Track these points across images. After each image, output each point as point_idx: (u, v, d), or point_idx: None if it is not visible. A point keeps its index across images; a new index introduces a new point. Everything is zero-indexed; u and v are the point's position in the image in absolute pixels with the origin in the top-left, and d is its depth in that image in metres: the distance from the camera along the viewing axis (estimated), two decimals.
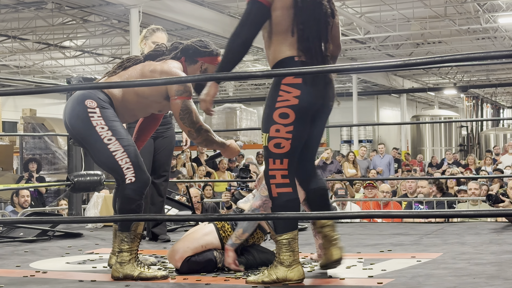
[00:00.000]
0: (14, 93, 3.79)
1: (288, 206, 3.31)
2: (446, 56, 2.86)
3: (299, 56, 3.32)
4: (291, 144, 3.32)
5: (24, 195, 8.48)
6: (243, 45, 3.29)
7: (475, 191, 8.26)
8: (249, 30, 3.28)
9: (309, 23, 3.33)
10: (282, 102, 3.29)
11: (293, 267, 3.31)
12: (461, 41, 20.06)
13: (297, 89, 3.28)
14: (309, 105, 3.31)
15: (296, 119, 3.29)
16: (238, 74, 3.41)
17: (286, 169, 3.33)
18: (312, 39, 3.33)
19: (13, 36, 17.23)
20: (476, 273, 3.44)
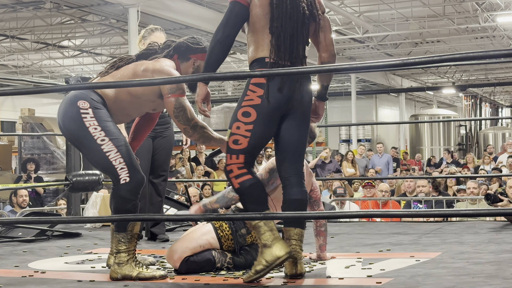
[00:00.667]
0: (12, 93, 3.78)
1: (252, 190, 3.39)
2: (445, 56, 2.86)
3: (271, 58, 3.37)
4: (248, 142, 3.39)
5: (22, 195, 8.48)
6: (222, 45, 3.36)
7: (473, 190, 8.26)
8: (227, 30, 3.37)
9: (284, 23, 3.36)
10: (247, 101, 3.40)
11: (275, 245, 3.33)
12: (460, 40, 20.08)
13: (261, 88, 3.36)
14: (271, 105, 3.35)
15: (257, 118, 3.37)
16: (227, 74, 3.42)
17: (242, 163, 3.41)
18: (285, 39, 3.37)
19: (11, 35, 17.22)
20: (475, 273, 3.43)
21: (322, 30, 3.51)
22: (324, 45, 3.54)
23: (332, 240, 4.96)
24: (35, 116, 15.34)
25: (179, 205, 6.68)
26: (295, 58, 3.41)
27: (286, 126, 3.44)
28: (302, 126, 3.48)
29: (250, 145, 3.40)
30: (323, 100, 3.65)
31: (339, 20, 16.88)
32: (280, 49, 3.37)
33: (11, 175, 12.52)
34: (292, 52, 3.40)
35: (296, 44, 3.41)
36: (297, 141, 3.48)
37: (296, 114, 3.44)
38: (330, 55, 3.56)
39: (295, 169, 3.49)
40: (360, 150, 15.79)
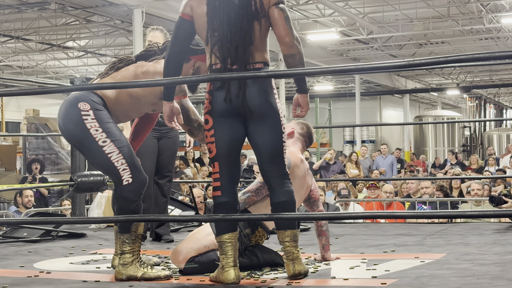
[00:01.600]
0: (17, 94, 3.80)
1: (216, 208, 3.45)
2: (450, 57, 2.86)
3: (216, 64, 3.41)
4: (216, 147, 3.44)
5: (27, 195, 8.50)
6: (171, 61, 3.45)
7: (478, 191, 8.25)
8: (176, 47, 3.44)
9: (221, 30, 3.38)
10: (204, 109, 3.47)
11: (225, 270, 3.39)
12: (464, 41, 20.06)
13: (209, 94, 3.43)
14: (219, 108, 3.39)
15: (214, 123, 3.42)
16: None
17: (218, 172, 3.45)
18: (222, 45, 3.38)
19: (16, 36, 17.26)
20: (480, 274, 3.43)
21: (272, 23, 3.41)
22: (280, 37, 3.42)
23: (337, 241, 4.96)
24: (39, 116, 15.37)
25: (183, 206, 6.68)
26: (237, 62, 3.39)
27: (251, 130, 3.46)
28: (266, 128, 3.43)
29: (218, 150, 3.43)
30: (302, 93, 3.52)
31: (344, 21, 16.88)
32: (223, 58, 3.39)
33: (15, 176, 12.55)
34: (231, 58, 3.38)
35: (236, 49, 3.38)
36: (266, 143, 3.45)
37: (253, 117, 3.42)
38: (288, 47, 3.41)
39: (274, 172, 3.49)
40: (362, 151, 15.78)
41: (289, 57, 3.44)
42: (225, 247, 3.41)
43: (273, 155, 3.48)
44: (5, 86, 22.25)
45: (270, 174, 3.50)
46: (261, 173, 3.55)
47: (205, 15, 3.40)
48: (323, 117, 21.08)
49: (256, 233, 3.89)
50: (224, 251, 3.41)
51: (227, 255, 3.40)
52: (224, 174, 3.45)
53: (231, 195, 3.47)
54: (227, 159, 3.45)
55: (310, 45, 18.43)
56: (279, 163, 3.50)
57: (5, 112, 21.22)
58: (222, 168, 3.45)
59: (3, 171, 12.50)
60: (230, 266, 3.39)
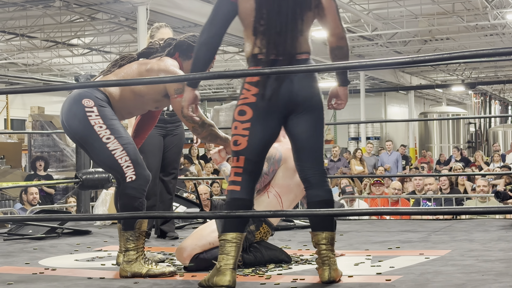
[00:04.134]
0: (22, 91, 3.81)
1: (231, 204, 3.23)
2: (454, 53, 2.85)
3: (262, 54, 3.23)
4: (247, 141, 3.23)
5: (32, 193, 8.51)
6: (207, 46, 3.23)
7: (483, 188, 8.24)
8: (213, 30, 3.24)
9: (270, 20, 3.21)
10: (242, 99, 3.25)
11: (220, 272, 3.14)
12: (469, 37, 20.00)
13: (254, 87, 3.22)
14: (266, 103, 3.21)
15: (254, 116, 3.22)
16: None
17: (241, 167, 3.25)
18: (273, 35, 3.21)
19: (21, 34, 17.29)
20: (484, 270, 3.43)
21: (325, 13, 3.29)
22: (330, 28, 3.32)
23: (342, 238, 4.96)
24: (45, 114, 15.39)
25: (188, 203, 6.69)
26: (286, 53, 3.23)
27: (294, 124, 3.29)
28: (311, 122, 3.29)
29: (249, 145, 3.23)
30: (343, 85, 3.43)
31: (348, 18, 16.85)
32: (269, 47, 3.21)
33: (21, 173, 12.57)
34: (279, 49, 3.21)
35: (285, 39, 3.22)
36: (309, 137, 3.29)
37: (300, 109, 3.27)
38: (338, 38, 3.32)
39: (314, 169, 3.31)
40: (368, 148, 15.76)
41: (337, 49, 3.34)
42: (228, 246, 3.16)
43: (314, 150, 3.31)
44: (10, 84, 22.29)
45: (310, 172, 3.31)
46: (298, 169, 3.36)
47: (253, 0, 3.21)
48: (327, 113, 20.98)
49: (261, 229, 3.89)
50: (226, 251, 3.16)
51: (229, 255, 3.15)
52: (248, 170, 3.25)
53: (250, 193, 3.27)
54: (256, 156, 3.27)
55: (315, 41, 18.31)
56: (320, 159, 3.33)
57: (10, 110, 21.28)
58: (247, 164, 3.24)
59: (8, 168, 12.52)
60: (229, 268, 3.14)
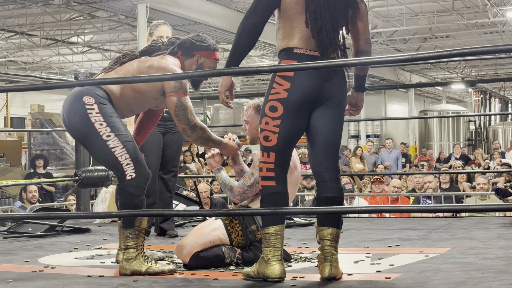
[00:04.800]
0: (21, 89, 3.77)
1: (269, 199, 3.26)
2: (454, 50, 2.84)
3: (302, 48, 3.21)
4: (278, 138, 3.24)
5: (32, 191, 8.51)
6: (249, 33, 3.21)
7: (483, 185, 8.23)
8: (256, 18, 3.21)
9: (323, 15, 3.19)
10: (273, 95, 3.23)
11: (271, 264, 3.23)
12: (469, 35, 19.99)
13: (288, 81, 3.20)
14: (299, 98, 3.19)
15: (285, 112, 3.21)
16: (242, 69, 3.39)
17: (273, 163, 3.26)
18: (327, 32, 3.20)
19: (20, 32, 17.28)
20: (484, 268, 3.43)
21: (359, 16, 3.32)
22: (361, 32, 3.34)
23: (341, 236, 4.92)
24: (44, 112, 15.38)
25: (188, 201, 6.69)
26: (333, 49, 3.24)
27: (317, 117, 3.27)
28: (334, 117, 3.28)
29: (279, 141, 3.23)
30: (361, 91, 3.45)
31: None
32: (323, 43, 3.20)
33: (21, 171, 12.56)
34: (331, 45, 3.22)
35: (334, 35, 3.23)
36: (329, 132, 3.28)
37: (327, 104, 3.25)
38: (366, 43, 3.35)
39: (329, 164, 3.30)
40: (368, 146, 15.75)
41: (363, 53, 3.36)
42: (274, 239, 3.23)
43: (331, 146, 3.29)
44: (10, 82, 22.29)
45: (324, 166, 3.29)
46: (312, 163, 3.35)
47: None
48: None
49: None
50: (273, 244, 3.23)
51: (276, 247, 3.23)
52: (279, 165, 3.27)
53: (285, 186, 3.29)
54: (286, 152, 3.28)
55: None
56: (336, 155, 3.32)
57: (10, 108, 21.29)
58: (278, 160, 3.26)
59: (8, 166, 12.51)
60: (278, 260, 3.23)
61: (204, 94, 26.93)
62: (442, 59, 2.99)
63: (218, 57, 3.76)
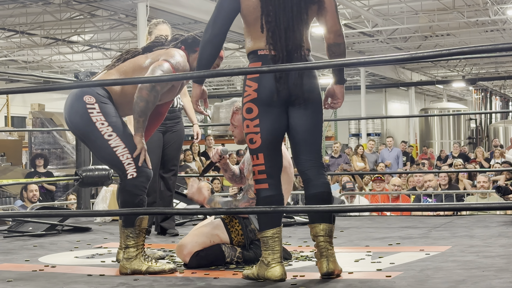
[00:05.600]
0: (23, 91, 3.78)
1: (264, 203, 3.28)
2: (455, 49, 2.84)
3: (268, 50, 3.26)
4: (261, 137, 3.27)
5: (32, 190, 8.51)
6: (211, 44, 3.28)
7: (484, 184, 8.23)
8: (216, 29, 3.28)
9: (278, 17, 3.23)
10: (246, 97, 3.30)
11: (271, 267, 3.25)
12: (470, 33, 19.99)
13: (255, 82, 3.26)
14: (267, 96, 3.24)
15: (260, 112, 3.26)
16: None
17: (263, 164, 3.29)
18: (280, 33, 3.24)
19: (21, 31, 17.28)
20: (485, 266, 3.42)
21: (325, 9, 3.32)
22: (329, 25, 3.35)
23: (342, 234, 4.96)
24: (45, 111, 15.39)
25: (188, 200, 6.68)
26: (293, 48, 3.27)
27: (293, 117, 3.31)
28: (310, 115, 3.31)
29: (263, 140, 3.27)
30: (340, 84, 3.45)
31: (348, 14, 16.84)
32: (277, 44, 3.24)
33: (21, 170, 12.56)
34: (288, 44, 3.26)
35: (293, 34, 3.26)
36: (307, 130, 3.32)
37: (300, 103, 3.29)
38: (336, 36, 3.35)
39: (312, 161, 3.34)
40: (369, 145, 15.74)
41: (335, 46, 3.37)
42: (271, 242, 3.26)
43: (311, 144, 3.33)
44: (10, 81, 22.29)
45: (307, 164, 3.34)
46: (295, 162, 3.39)
47: None
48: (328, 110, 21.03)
49: None
50: (271, 247, 3.25)
51: (274, 250, 3.25)
52: (269, 165, 3.29)
53: (278, 188, 3.32)
54: (272, 150, 3.30)
55: (314, 38, 18.25)
56: (316, 152, 3.35)
57: (11, 107, 21.27)
58: (267, 160, 3.28)
59: (9, 165, 12.52)
60: (277, 263, 3.25)
61: None
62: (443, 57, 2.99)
63: (222, 55, 3.76)
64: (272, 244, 3.27)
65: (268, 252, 3.27)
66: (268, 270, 3.25)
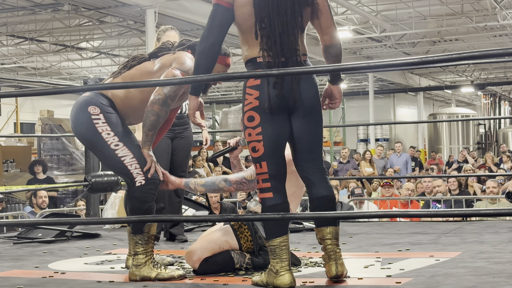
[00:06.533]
0: (31, 94, 3.78)
1: (269, 211, 3.26)
2: (464, 53, 2.83)
3: (263, 57, 3.24)
4: (263, 145, 3.26)
5: (42, 196, 8.54)
6: (207, 55, 3.26)
7: (493, 189, 8.19)
8: (211, 39, 3.26)
9: (272, 22, 3.22)
10: (247, 105, 3.28)
11: (280, 275, 3.23)
12: (478, 38, 19.94)
13: (256, 90, 3.24)
14: (270, 104, 3.22)
15: (262, 119, 3.25)
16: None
17: (266, 173, 3.28)
18: (275, 38, 3.22)
19: (30, 38, 17.35)
20: (495, 272, 3.41)
21: (319, 11, 3.31)
22: (324, 27, 3.34)
23: (351, 240, 4.95)
24: (54, 117, 15.43)
25: (197, 206, 6.69)
26: (288, 53, 3.25)
27: (294, 124, 3.31)
28: (311, 121, 3.31)
29: (266, 148, 3.26)
30: (336, 84, 3.43)
31: (356, 19, 16.83)
32: (271, 50, 3.23)
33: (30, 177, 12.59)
34: (283, 49, 3.24)
35: (288, 38, 3.24)
36: (308, 137, 3.32)
37: (300, 110, 3.29)
38: (331, 37, 3.34)
39: (314, 167, 3.35)
40: (378, 151, 15.71)
41: (331, 47, 3.36)
42: (279, 251, 3.25)
43: (313, 150, 3.34)
44: (19, 88, 22.36)
45: (310, 169, 3.35)
46: (298, 169, 3.39)
47: (250, 4, 3.23)
48: (336, 115, 21.03)
49: None
50: (279, 255, 3.25)
51: (282, 258, 3.24)
52: (273, 174, 3.28)
53: (283, 196, 3.31)
54: (276, 158, 3.29)
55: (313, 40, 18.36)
56: (318, 158, 3.37)
57: (20, 113, 21.35)
58: (271, 168, 3.27)
59: (18, 172, 12.56)
60: (286, 270, 3.24)
61: (213, 99, 26.97)
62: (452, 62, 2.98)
63: (229, 62, 3.75)
64: (279, 253, 3.26)
65: (276, 260, 3.26)
66: (277, 278, 3.24)
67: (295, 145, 3.37)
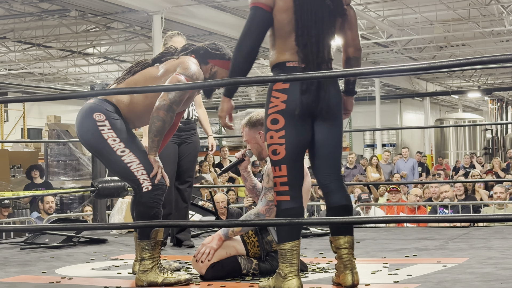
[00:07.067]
0: (37, 99, 3.80)
1: (284, 215, 3.25)
2: (471, 59, 2.82)
3: (295, 62, 3.25)
4: (285, 149, 3.25)
5: (49, 201, 8.55)
6: (248, 55, 3.24)
7: (500, 195, 8.16)
8: (250, 43, 3.24)
9: (309, 31, 3.24)
10: (272, 108, 3.27)
11: (288, 279, 3.22)
12: (485, 43, 19.90)
13: (284, 94, 3.24)
14: (297, 108, 3.23)
15: (286, 123, 3.24)
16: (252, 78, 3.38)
17: (285, 176, 3.27)
18: (311, 46, 3.25)
19: (37, 44, 17.41)
20: (503, 278, 3.39)
21: (348, 23, 3.37)
22: (350, 39, 3.40)
23: (358, 246, 4.94)
24: (61, 123, 15.47)
25: (204, 211, 6.69)
26: (322, 61, 3.29)
27: (318, 130, 3.32)
28: (334, 129, 3.33)
29: (287, 152, 3.25)
30: (350, 95, 3.50)
31: (363, 25, 16.82)
32: (308, 57, 3.25)
33: None
34: (318, 57, 3.27)
35: (322, 48, 3.29)
36: (331, 144, 3.33)
37: (325, 116, 3.30)
38: (355, 50, 3.41)
39: (334, 175, 3.36)
40: (385, 156, 15.68)
41: (353, 60, 3.41)
42: (290, 255, 3.24)
43: (333, 157, 3.35)
44: (26, 93, 22.42)
45: (329, 178, 3.35)
46: (316, 175, 3.39)
47: (290, 10, 3.23)
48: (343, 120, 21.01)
49: None
50: (289, 259, 3.23)
51: (292, 263, 3.23)
52: (292, 178, 3.27)
53: (299, 201, 3.30)
54: (296, 162, 3.29)
55: None
56: (338, 166, 3.38)
57: (27, 119, 21.39)
58: (290, 172, 3.26)
59: (25, 177, 12.58)
60: (294, 275, 3.22)
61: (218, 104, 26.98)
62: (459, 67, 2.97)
63: None
64: (290, 257, 3.25)
65: (286, 264, 3.25)
66: (285, 282, 3.23)
67: (316, 151, 3.36)
